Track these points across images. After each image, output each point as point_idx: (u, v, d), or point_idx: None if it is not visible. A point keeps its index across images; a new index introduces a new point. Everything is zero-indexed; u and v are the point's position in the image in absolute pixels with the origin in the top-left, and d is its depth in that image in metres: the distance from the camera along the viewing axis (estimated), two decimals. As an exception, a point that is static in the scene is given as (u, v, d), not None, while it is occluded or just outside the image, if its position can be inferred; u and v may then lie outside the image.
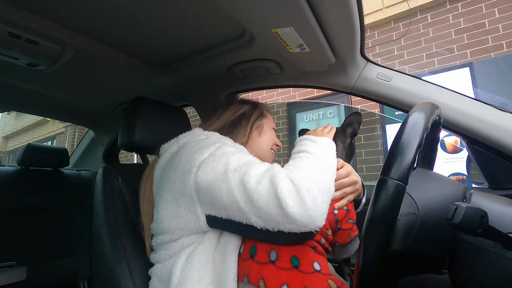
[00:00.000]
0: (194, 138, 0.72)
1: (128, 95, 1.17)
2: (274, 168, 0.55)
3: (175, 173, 0.63)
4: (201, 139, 0.70)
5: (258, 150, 0.83)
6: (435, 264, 0.46)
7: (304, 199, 0.49)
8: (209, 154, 0.62)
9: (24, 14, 0.66)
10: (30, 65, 0.87)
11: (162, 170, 0.69)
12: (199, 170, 0.59)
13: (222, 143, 0.66)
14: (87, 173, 1.56)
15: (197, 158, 0.61)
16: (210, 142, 0.66)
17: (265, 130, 0.86)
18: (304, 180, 0.51)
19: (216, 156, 0.60)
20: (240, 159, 0.59)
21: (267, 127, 0.87)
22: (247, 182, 0.53)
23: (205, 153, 0.62)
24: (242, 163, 0.58)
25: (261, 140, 0.85)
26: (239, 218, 0.55)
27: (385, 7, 3.35)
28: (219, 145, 0.65)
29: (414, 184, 0.49)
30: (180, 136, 0.76)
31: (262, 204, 0.51)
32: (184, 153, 0.66)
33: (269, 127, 0.88)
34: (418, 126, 0.42)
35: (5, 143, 10.69)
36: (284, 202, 0.49)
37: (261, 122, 0.86)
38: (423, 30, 3.15)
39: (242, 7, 0.59)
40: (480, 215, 0.34)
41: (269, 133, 0.87)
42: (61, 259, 1.30)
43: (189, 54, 0.89)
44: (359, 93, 0.90)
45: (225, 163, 0.58)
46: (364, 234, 0.41)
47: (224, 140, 0.71)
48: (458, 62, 2.84)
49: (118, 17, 0.70)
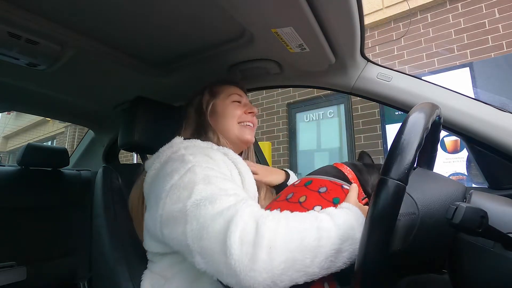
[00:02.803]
0: (173, 154, 0.66)
1: (128, 95, 1.17)
2: (241, 206, 0.47)
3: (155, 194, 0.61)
4: (178, 156, 0.63)
5: (226, 134, 0.79)
6: (435, 264, 0.46)
7: (257, 255, 0.40)
8: (179, 178, 0.56)
9: (24, 14, 0.66)
10: (30, 65, 0.87)
11: (150, 187, 0.66)
12: (168, 197, 0.55)
13: (194, 164, 0.58)
14: (87, 173, 1.55)
15: (168, 182, 0.57)
16: (185, 161, 0.60)
17: (220, 111, 0.80)
18: (276, 237, 0.42)
19: (184, 182, 0.55)
20: (206, 189, 0.52)
21: (222, 106, 0.81)
22: (202, 217, 0.47)
23: (175, 176, 0.57)
24: (207, 195, 0.51)
25: (222, 123, 0.79)
26: (186, 253, 0.50)
27: (385, 7, 3.35)
28: (190, 166, 0.58)
29: (414, 184, 0.49)
30: (161, 150, 0.71)
31: (208, 246, 0.44)
32: (161, 174, 0.62)
33: (226, 104, 0.81)
34: (418, 126, 0.42)
35: (5, 143, 10.69)
36: (230, 250, 0.41)
37: (213, 105, 0.81)
38: (423, 30, 3.15)
39: (242, 7, 0.59)
40: (480, 215, 0.34)
41: (228, 111, 0.80)
42: (61, 259, 1.30)
43: (189, 54, 0.89)
44: (359, 93, 0.90)
45: (189, 193, 0.52)
46: (364, 234, 0.41)
47: (199, 156, 0.62)
48: (458, 62, 2.84)
49: (118, 17, 0.70)
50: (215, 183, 0.54)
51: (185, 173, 0.56)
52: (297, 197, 0.67)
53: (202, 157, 0.62)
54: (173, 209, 0.53)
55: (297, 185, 0.73)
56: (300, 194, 0.67)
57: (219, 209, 0.47)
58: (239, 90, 0.86)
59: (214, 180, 0.54)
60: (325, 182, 0.70)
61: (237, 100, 0.83)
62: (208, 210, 0.48)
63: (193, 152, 0.64)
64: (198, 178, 0.54)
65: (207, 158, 0.63)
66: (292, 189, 0.71)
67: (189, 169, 0.57)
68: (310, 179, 0.72)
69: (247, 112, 0.83)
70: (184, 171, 0.57)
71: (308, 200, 0.65)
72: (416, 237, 0.44)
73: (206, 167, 0.58)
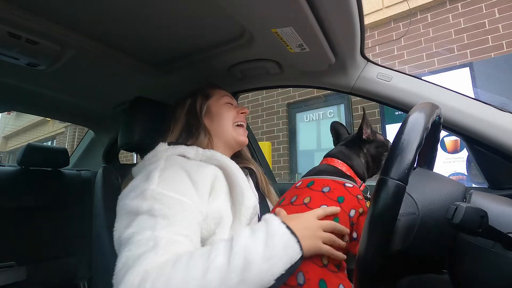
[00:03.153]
0: (150, 166, 0.65)
1: (128, 95, 1.17)
2: (142, 259, 0.45)
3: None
4: (148, 171, 0.62)
5: (222, 136, 0.79)
6: (435, 264, 0.46)
7: None
8: (130, 199, 0.57)
9: (24, 14, 0.66)
10: (30, 65, 0.87)
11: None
12: (119, 218, 0.57)
13: (149, 188, 0.56)
14: (87, 173, 1.55)
15: (124, 199, 0.58)
16: (148, 179, 0.59)
17: (215, 111, 0.81)
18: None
19: (131, 207, 0.55)
20: (141, 225, 0.51)
21: (217, 107, 0.82)
22: (122, 257, 0.48)
23: (131, 195, 0.57)
24: (128, 235, 0.51)
25: (218, 124, 0.80)
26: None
27: (385, 7, 3.35)
28: (144, 188, 0.56)
29: (414, 184, 0.49)
30: (145, 158, 0.70)
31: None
32: (130, 185, 0.62)
33: (220, 105, 0.82)
34: (418, 126, 0.42)
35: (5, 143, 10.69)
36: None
37: (207, 106, 0.81)
38: (423, 30, 3.15)
39: (242, 7, 0.59)
40: (480, 215, 0.34)
41: (223, 111, 0.81)
42: (61, 259, 1.30)
43: (189, 54, 0.89)
44: (359, 93, 0.90)
45: (127, 223, 0.53)
46: (364, 234, 0.41)
47: (170, 174, 0.61)
48: (458, 62, 2.84)
49: (118, 17, 0.70)
50: (156, 216, 0.52)
51: (137, 195, 0.56)
52: (301, 199, 0.67)
53: (174, 175, 0.61)
54: (114, 232, 0.55)
55: (299, 187, 0.73)
56: (304, 196, 0.67)
57: (123, 260, 0.48)
58: (229, 93, 0.88)
59: (157, 213, 0.53)
60: (328, 182, 0.69)
61: (229, 102, 0.85)
62: (125, 253, 0.49)
63: (169, 167, 0.62)
64: (143, 208, 0.53)
65: (182, 177, 0.61)
66: (295, 192, 0.71)
67: (142, 192, 0.56)
68: (312, 179, 0.72)
69: (239, 113, 0.84)
70: (139, 192, 0.56)
71: (313, 201, 0.65)
72: (416, 237, 0.44)
73: (161, 192, 0.55)
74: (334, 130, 0.92)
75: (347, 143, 0.83)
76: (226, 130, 0.80)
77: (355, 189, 0.68)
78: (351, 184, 0.69)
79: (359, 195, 0.67)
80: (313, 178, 0.73)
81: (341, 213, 0.63)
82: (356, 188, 0.69)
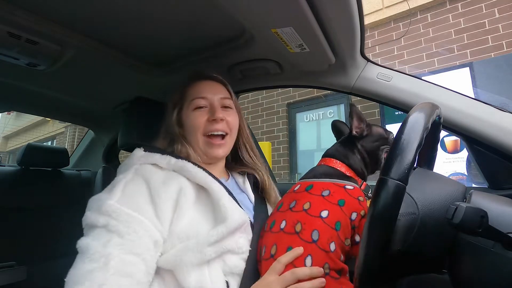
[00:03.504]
0: (120, 174, 0.65)
1: (128, 95, 1.17)
2: (91, 276, 0.47)
3: None
4: (116, 181, 0.62)
5: (197, 148, 0.71)
6: (435, 264, 0.46)
7: None
8: (91, 210, 0.57)
9: (24, 14, 0.66)
10: (30, 65, 0.87)
11: None
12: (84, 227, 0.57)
13: (106, 203, 0.55)
14: (87, 173, 1.55)
15: (89, 207, 0.59)
16: (111, 192, 0.59)
17: (185, 119, 0.73)
18: None
19: (87, 220, 0.56)
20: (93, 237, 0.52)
21: (186, 114, 0.72)
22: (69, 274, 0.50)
23: (94, 206, 0.58)
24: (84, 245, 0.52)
25: (190, 136, 0.72)
26: None
27: (385, 7, 3.35)
28: (105, 202, 0.56)
29: (414, 184, 0.49)
30: (124, 161, 0.70)
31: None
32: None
33: (190, 112, 0.72)
34: (418, 126, 0.42)
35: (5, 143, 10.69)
36: None
37: (178, 112, 0.74)
38: (423, 30, 3.15)
39: (242, 7, 0.59)
40: (480, 215, 0.34)
41: (190, 120, 0.71)
42: (61, 259, 1.30)
43: (189, 54, 0.89)
44: (359, 93, 0.90)
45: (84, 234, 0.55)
46: (364, 234, 0.41)
47: (135, 189, 0.60)
48: (458, 62, 2.84)
49: (118, 17, 0.70)
50: (111, 232, 0.52)
51: (98, 207, 0.56)
52: (301, 205, 0.65)
53: (138, 189, 0.60)
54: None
55: (298, 190, 0.71)
56: (304, 201, 0.66)
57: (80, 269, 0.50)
58: (203, 90, 0.73)
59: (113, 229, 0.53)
60: (327, 185, 0.68)
61: (199, 105, 0.71)
62: (77, 263, 0.51)
63: (135, 179, 0.62)
64: (100, 222, 0.53)
65: (145, 191, 0.60)
66: (294, 196, 0.70)
67: (101, 206, 0.55)
68: (311, 183, 0.71)
69: (211, 120, 0.70)
70: (100, 203, 0.56)
71: (313, 206, 0.64)
72: (416, 237, 0.44)
73: (119, 208, 0.55)
74: (336, 128, 0.90)
75: (342, 141, 0.81)
76: (196, 142, 0.71)
77: (356, 191, 0.68)
78: (351, 186, 0.68)
79: (360, 197, 0.66)
80: (312, 181, 0.72)
81: (343, 217, 0.62)
82: (357, 189, 0.69)
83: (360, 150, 0.78)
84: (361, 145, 0.78)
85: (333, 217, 0.62)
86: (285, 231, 0.62)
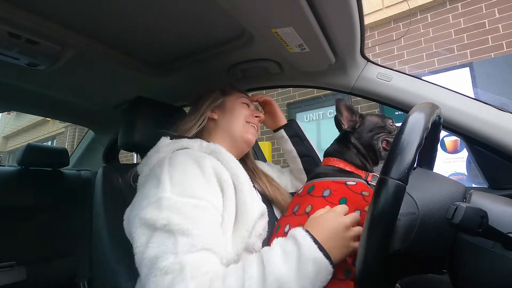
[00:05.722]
0: (156, 167, 0.63)
1: (128, 95, 1.17)
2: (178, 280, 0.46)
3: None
4: (157, 174, 0.60)
5: (229, 131, 0.79)
6: (435, 264, 0.46)
7: None
8: (144, 210, 0.55)
9: (24, 14, 0.66)
10: (30, 65, 0.87)
11: (135, 198, 0.64)
12: (135, 232, 0.55)
13: (163, 195, 0.54)
14: (87, 173, 1.55)
15: (138, 210, 0.56)
16: (159, 185, 0.57)
17: (229, 106, 0.83)
18: None
19: (146, 220, 0.53)
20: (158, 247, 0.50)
21: (232, 103, 0.83)
22: (151, 283, 0.48)
23: (144, 203, 0.56)
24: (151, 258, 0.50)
25: (228, 120, 0.80)
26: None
27: (385, 7, 3.35)
28: (158, 196, 0.55)
29: (414, 184, 0.49)
30: (148, 154, 0.69)
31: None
32: (141, 191, 0.61)
33: (236, 102, 0.84)
34: (418, 126, 0.42)
35: (5, 143, 10.69)
36: None
37: (223, 101, 0.83)
38: (423, 30, 3.15)
39: (242, 7, 0.59)
40: (480, 215, 0.34)
41: (237, 107, 0.83)
42: (61, 259, 1.30)
43: (189, 54, 0.89)
44: (359, 93, 0.90)
45: (146, 239, 0.52)
46: (364, 234, 0.41)
47: (180, 174, 0.59)
48: (458, 62, 2.84)
49: (118, 17, 0.70)
50: (174, 233, 0.51)
51: (151, 204, 0.54)
52: (303, 208, 0.66)
53: (184, 174, 0.59)
54: (135, 249, 0.54)
55: (301, 194, 0.72)
56: (306, 204, 0.66)
57: (161, 269, 0.48)
58: (249, 97, 0.90)
59: (175, 228, 0.51)
60: (328, 184, 0.68)
61: (246, 102, 0.86)
62: (152, 279, 0.48)
63: (176, 165, 0.61)
64: (159, 222, 0.52)
65: (191, 172, 0.60)
66: (298, 200, 0.70)
67: (156, 201, 0.54)
68: (312, 184, 0.71)
69: (253, 115, 0.84)
70: (153, 201, 0.55)
71: (314, 209, 0.64)
72: (416, 237, 0.44)
73: (177, 200, 0.54)
74: (339, 124, 0.90)
75: (338, 138, 0.81)
76: (236, 125, 0.79)
77: (359, 186, 0.67)
78: (353, 182, 0.68)
79: (364, 191, 0.65)
80: (313, 182, 0.72)
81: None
82: (360, 184, 0.68)
83: (355, 143, 0.76)
84: (355, 138, 0.77)
85: None
86: None
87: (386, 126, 0.77)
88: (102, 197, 0.87)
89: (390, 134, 0.76)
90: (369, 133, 0.76)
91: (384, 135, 0.76)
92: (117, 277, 0.72)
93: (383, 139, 0.76)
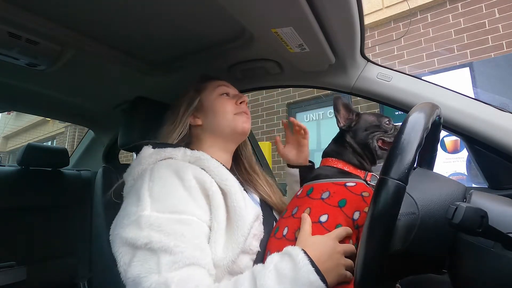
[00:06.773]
0: (138, 180, 0.61)
1: (128, 95, 1.17)
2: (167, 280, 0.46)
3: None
4: (136, 189, 0.59)
5: (220, 132, 0.74)
6: (435, 264, 0.46)
7: None
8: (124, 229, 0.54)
9: (24, 14, 0.66)
10: (30, 65, 0.87)
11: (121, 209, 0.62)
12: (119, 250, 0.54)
13: (142, 214, 0.53)
14: (87, 173, 1.55)
15: (119, 227, 0.55)
16: (139, 202, 0.55)
17: (209, 106, 0.75)
18: None
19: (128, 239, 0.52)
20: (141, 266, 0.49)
21: (210, 101, 0.76)
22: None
23: (125, 222, 0.55)
24: (134, 277, 0.50)
25: (214, 121, 0.74)
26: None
27: (385, 7, 3.35)
28: (137, 215, 0.53)
29: (414, 184, 0.49)
30: (131, 165, 0.67)
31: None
32: (123, 205, 0.60)
33: (214, 98, 0.76)
34: (418, 126, 0.42)
35: (5, 143, 10.69)
36: None
37: (199, 102, 0.76)
38: (423, 30, 3.15)
39: (242, 7, 0.59)
40: (480, 215, 0.34)
41: (218, 105, 0.75)
42: (61, 259, 1.30)
43: (189, 54, 0.89)
44: (359, 93, 0.90)
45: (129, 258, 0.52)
46: (364, 234, 0.41)
47: (161, 188, 0.57)
48: (458, 62, 2.84)
49: (118, 17, 0.70)
50: (156, 251, 0.50)
51: (131, 223, 0.53)
52: (302, 211, 0.65)
53: (164, 189, 0.57)
54: (119, 268, 0.53)
55: (300, 195, 0.72)
56: (305, 207, 0.66)
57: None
58: (225, 82, 0.81)
59: (157, 246, 0.50)
60: (327, 186, 0.68)
61: (225, 92, 0.78)
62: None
63: (156, 179, 0.58)
64: (140, 241, 0.50)
65: (172, 185, 0.58)
66: (296, 202, 0.70)
67: (136, 219, 0.53)
68: (311, 186, 0.71)
69: (238, 103, 0.77)
70: (133, 219, 0.53)
71: (313, 211, 0.64)
72: (416, 237, 0.44)
73: (157, 217, 0.52)
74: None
75: (335, 137, 0.80)
76: (224, 124, 0.74)
77: (359, 187, 0.66)
78: (353, 183, 0.67)
79: (364, 192, 0.65)
80: (312, 184, 0.71)
81: (344, 219, 0.61)
82: (360, 185, 0.67)
83: (350, 142, 0.75)
84: (350, 137, 0.75)
85: (333, 221, 0.61)
86: (287, 238, 0.62)
87: (382, 125, 0.75)
88: (102, 197, 0.87)
89: (386, 133, 0.74)
90: (364, 132, 0.75)
91: (379, 134, 0.74)
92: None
93: (379, 138, 0.74)
